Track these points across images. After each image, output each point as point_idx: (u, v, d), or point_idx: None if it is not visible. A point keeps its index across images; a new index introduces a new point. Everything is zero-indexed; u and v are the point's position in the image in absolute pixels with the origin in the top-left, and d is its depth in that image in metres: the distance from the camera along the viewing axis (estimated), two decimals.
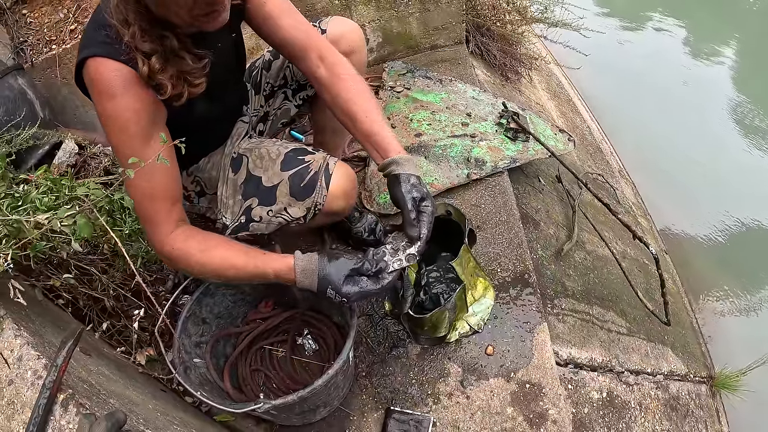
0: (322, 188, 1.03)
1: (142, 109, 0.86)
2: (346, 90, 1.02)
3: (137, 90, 0.84)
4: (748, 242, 2.42)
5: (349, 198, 1.08)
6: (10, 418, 0.63)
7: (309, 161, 1.04)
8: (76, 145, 1.75)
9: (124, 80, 0.83)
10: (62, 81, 1.87)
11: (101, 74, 0.82)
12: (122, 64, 0.82)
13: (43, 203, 0.88)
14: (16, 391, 0.65)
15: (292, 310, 1.19)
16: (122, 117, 0.84)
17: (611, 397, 1.41)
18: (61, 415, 0.58)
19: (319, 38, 1.06)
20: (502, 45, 2.17)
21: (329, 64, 1.03)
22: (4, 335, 0.72)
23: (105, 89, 0.83)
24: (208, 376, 1.07)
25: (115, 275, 1.22)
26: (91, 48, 0.83)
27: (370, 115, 1.01)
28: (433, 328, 1.10)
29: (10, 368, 0.67)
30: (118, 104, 0.83)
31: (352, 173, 1.09)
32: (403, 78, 1.85)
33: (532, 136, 1.60)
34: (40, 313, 0.95)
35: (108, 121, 0.85)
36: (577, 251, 1.68)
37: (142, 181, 0.88)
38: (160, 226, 0.93)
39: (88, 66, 0.83)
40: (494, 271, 1.33)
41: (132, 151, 0.85)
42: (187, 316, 1.04)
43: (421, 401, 1.14)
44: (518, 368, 1.18)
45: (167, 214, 0.94)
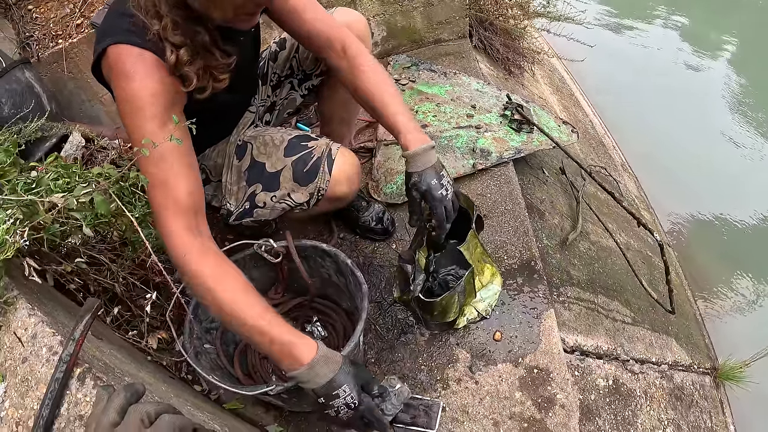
0: (325, 173, 1.04)
1: (161, 93, 0.84)
2: (367, 81, 1.04)
3: (160, 75, 0.83)
4: (751, 236, 2.42)
5: (352, 183, 1.08)
6: (24, 395, 0.63)
7: (312, 147, 1.05)
8: (83, 138, 1.76)
9: (146, 64, 0.82)
10: (68, 75, 1.88)
11: (123, 58, 0.81)
12: (146, 50, 0.82)
13: (58, 186, 0.89)
14: (30, 368, 0.65)
15: (301, 297, 1.20)
16: (139, 98, 0.82)
17: (617, 384, 1.42)
18: (77, 389, 0.58)
19: (341, 30, 1.07)
20: (505, 39, 2.19)
21: (351, 56, 1.05)
22: (18, 314, 0.72)
23: (125, 72, 0.81)
24: (219, 362, 1.07)
25: (123, 264, 1.23)
26: (115, 36, 0.82)
27: (390, 107, 1.02)
28: (442, 312, 1.11)
29: (24, 346, 0.67)
30: (136, 86, 0.82)
31: (355, 159, 1.10)
32: (407, 71, 1.86)
33: (536, 127, 1.61)
34: (51, 298, 0.96)
35: (124, 104, 0.83)
36: (582, 241, 1.69)
37: (155, 167, 0.84)
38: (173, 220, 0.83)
39: (110, 53, 0.82)
40: (501, 259, 1.34)
41: (146, 134, 0.83)
42: (197, 302, 1.05)
43: (430, 387, 1.15)
44: (526, 353, 1.19)
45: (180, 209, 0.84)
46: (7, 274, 0.77)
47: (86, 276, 1.07)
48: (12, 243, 0.68)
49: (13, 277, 0.81)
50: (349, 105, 1.33)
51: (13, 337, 0.67)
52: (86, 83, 1.91)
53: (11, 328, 0.69)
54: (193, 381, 1.21)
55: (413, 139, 0.99)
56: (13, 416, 0.59)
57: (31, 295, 0.79)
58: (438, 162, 1.02)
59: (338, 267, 1.10)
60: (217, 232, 1.58)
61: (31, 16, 1.95)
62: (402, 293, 1.26)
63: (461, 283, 1.06)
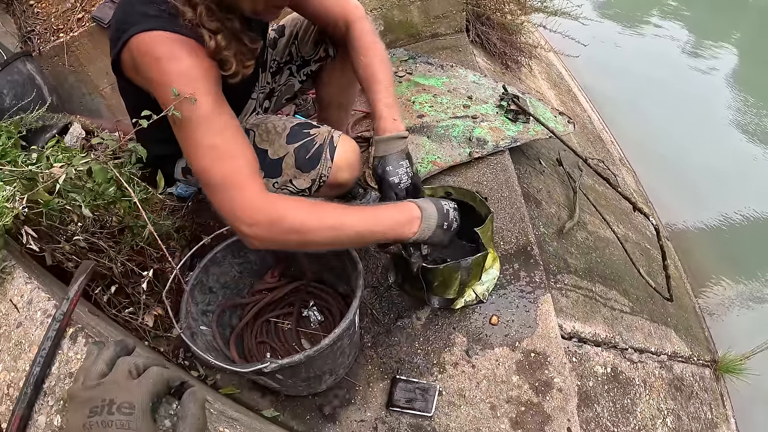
0: (327, 160, 1.05)
1: (209, 68, 0.84)
2: (362, 64, 1.09)
3: (203, 56, 0.83)
4: (749, 230, 2.43)
5: (353, 170, 1.10)
6: (16, 358, 0.62)
7: (314, 134, 1.07)
8: (83, 129, 1.77)
9: (189, 47, 0.82)
10: (69, 69, 1.90)
11: (161, 43, 0.81)
12: (182, 35, 0.82)
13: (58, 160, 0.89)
14: (24, 332, 0.65)
15: (297, 282, 1.20)
16: (190, 74, 0.81)
17: (615, 372, 1.41)
18: (69, 347, 0.58)
19: (347, 9, 1.12)
20: (502, 34, 2.20)
21: (352, 37, 1.10)
22: (14, 282, 0.72)
23: (168, 54, 0.81)
24: (215, 344, 1.07)
25: (122, 250, 1.23)
26: (145, 23, 0.82)
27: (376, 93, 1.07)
28: (443, 285, 1.10)
29: (20, 311, 0.67)
30: (184, 64, 0.81)
31: (356, 146, 1.12)
32: (404, 64, 1.87)
33: (532, 117, 1.62)
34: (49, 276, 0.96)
35: (173, 83, 0.80)
36: (579, 231, 1.69)
37: (220, 139, 0.82)
38: (252, 184, 0.82)
39: (142, 39, 0.82)
40: (497, 244, 1.34)
41: (205, 108, 0.81)
42: (194, 284, 1.05)
43: (426, 371, 1.15)
44: (523, 337, 1.18)
45: (256, 173, 0.84)
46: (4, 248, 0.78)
47: (84, 257, 1.08)
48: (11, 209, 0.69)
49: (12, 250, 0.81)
50: (346, 90, 1.35)
51: (9, 304, 0.68)
52: (87, 76, 1.93)
53: (7, 296, 0.69)
54: (189, 366, 1.21)
55: (384, 127, 1.05)
56: (5, 378, 0.60)
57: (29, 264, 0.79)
58: (402, 151, 1.06)
59: (335, 250, 1.10)
60: (215, 221, 1.59)
61: (33, 11, 1.97)
62: (397, 277, 1.27)
63: (470, 261, 1.06)
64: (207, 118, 0.82)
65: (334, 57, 1.28)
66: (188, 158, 0.86)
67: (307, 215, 0.84)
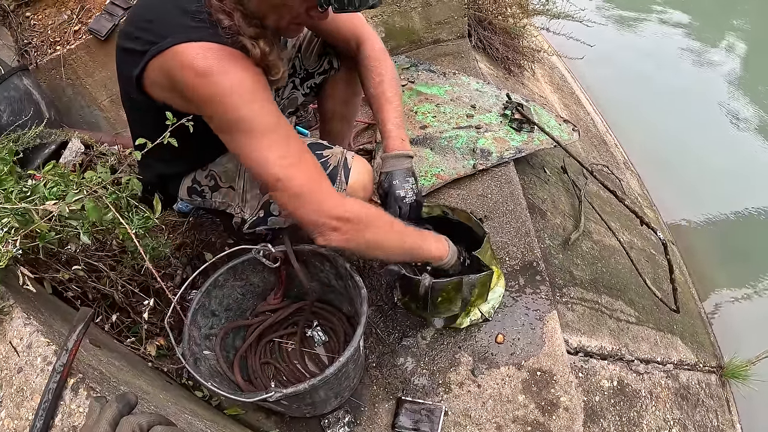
0: (342, 183, 1.04)
1: (261, 78, 0.82)
2: (371, 84, 1.12)
3: (249, 64, 0.81)
4: (755, 232, 2.41)
5: (366, 192, 1.11)
6: (19, 405, 0.62)
7: (327, 156, 1.06)
8: (82, 144, 1.76)
9: (233, 57, 0.79)
10: (67, 82, 1.88)
11: (205, 55, 0.77)
12: (225, 46, 0.79)
13: (52, 193, 0.88)
14: (25, 378, 0.64)
15: (301, 302, 1.19)
16: (245, 86, 0.78)
17: (622, 385, 1.40)
18: (71, 399, 0.57)
19: (359, 28, 1.13)
20: (504, 38, 2.17)
21: (363, 56, 1.12)
22: (13, 324, 0.71)
23: (213, 67, 0.76)
24: (218, 369, 1.06)
25: (123, 271, 1.22)
26: (185, 34, 0.78)
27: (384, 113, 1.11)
28: (447, 301, 1.10)
29: (20, 356, 0.66)
30: (236, 76, 0.78)
31: (369, 167, 1.12)
32: (406, 72, 1.85)
33: (536, 127, 1.59)
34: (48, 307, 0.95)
35: (230, 96, 0.77)
36: (584, 241, 1.67)
37: (286, 147, 0.82)
38: (328, 188, 0.85)
39: (182, 51, 0.77)
40: (503, 260, 1.33)
41: (271, 117, 0.80)
42: (196, 308, 1.04)
43: (432, 391, 1.14)
44: (529, 356, 1.17)
45: (322, 172, 0.87)
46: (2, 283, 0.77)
47: (84, 284, 1.07)
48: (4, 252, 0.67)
49: (9, 286, 0.80)
50: (350, 103, 1.34)
51: (9, 346, 0.67)
52: (85, 89, 1.91)
53: (7, 337, 0.68)
54: (193, 387, 1.20)
55: (392, 145, 1.10)
56: (9, 426, 0.59)
57: (27, 303, 0.78)
58: (409, 169, 1.11)
59: (337, 271, 1.09)
60: (217, 237, 1.58)
61: (29, 23, 1.95)
62: (403, 296, 1.25)
63: (473, 278, 1.06)
64: (272, 128, 0.81)
65: (338, 69, 1.27)
66: (257, 171, 0.85)
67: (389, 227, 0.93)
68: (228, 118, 0.80)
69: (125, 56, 0.89)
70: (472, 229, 1.20)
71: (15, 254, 0.70)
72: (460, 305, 1.13)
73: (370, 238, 0.90)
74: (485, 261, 1.11)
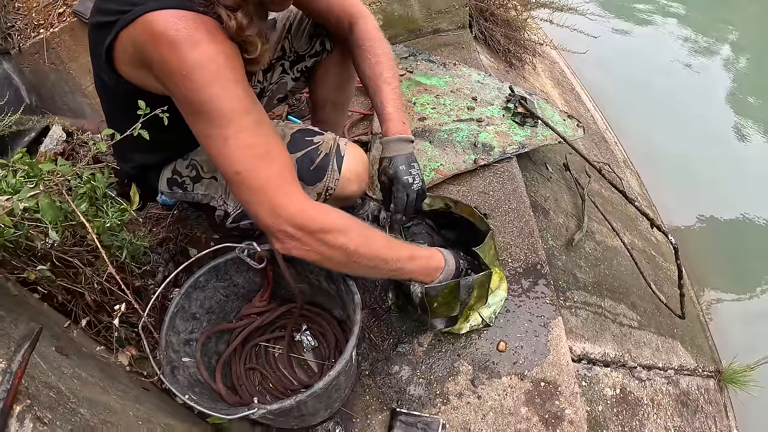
0: (334, 171, 0.96)
1: (234, 55, 0.72)
2: (367, 64, 1.04)
3: (224, 37, 0.72)
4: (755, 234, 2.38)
5: (361, 181, 1.03)
6: None
7: (318, 142, 0.97)
8: (63, 132, 1.65)
9: (207, 27, 0.70)
10: (50, 66, 1.78)
11: (177, 23, 0.68)
12: (201, 14, 0.70)
13: (10, 185, 0.78)
14: None
15: (289, 305, 1.11)
16: (215, 62, 0.69)
17: (624, 393, 1.35)
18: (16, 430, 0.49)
19: (352, 7, 1.05)
20: (506, 30, 2.09)
21: (357, 36, 1.05)
22: None
23: (184, 38, 0.68)
24: (199, 377, 0.98)
25: (100, 267, 1.13)
26: (155, 1, 0.69)
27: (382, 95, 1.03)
28: (445, 305, 1.02)
29: None
30: (206, 50, 0.69)
31: (364, 155, 1.04)
32: (405, 61, 1.76)
33: (541, 121, 1.52)
34: (11, 308, 0.86)
35: (194, 72, 0.69)
36: (587, 241, 1.61)
37: (256, 138, 0.73)
38: (293, 187, 0.76)
39: (154, 19, 0.68)
40: (505, 261, 1.26)
41: (235, 102, 0.71)
42: (174, 312, 0.96)
43: (429, 402, 1.07)
44: (533, 365, 1.10)
45: (294, 175, 0.77)
46: None
47: (52, 284, 0.97)
48: None
49: None
50: (344, 88, 1.26)
51: None
52: (68, 75, 1.80)
53: None
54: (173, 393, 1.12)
55: (393, 128, 1.02)
56: None
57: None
58: (411, 154, 1.04)
59: (329, 273, 1.01)
60: (202, 231, 1.49)
61: (14, 5, 1.83)
62: (397, 298, 1.18)
63: (470, 280, 0.98)
64: (239, 113, 0.71)
65: (330, 52, 1.18)
66: (217, 161, 0.75)
67: (361, 240, 0.80)
68: (191, 96, 0.71)
69: (97, 32, 0.79)
70: (475, 225, 1.12)
71: None
72: (459, 308, 1.06)
73: (339, 253, 0.79)
74: (486, 260, 1.04)
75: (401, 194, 1.02)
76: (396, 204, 1.04)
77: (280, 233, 0.76)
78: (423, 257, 0.93)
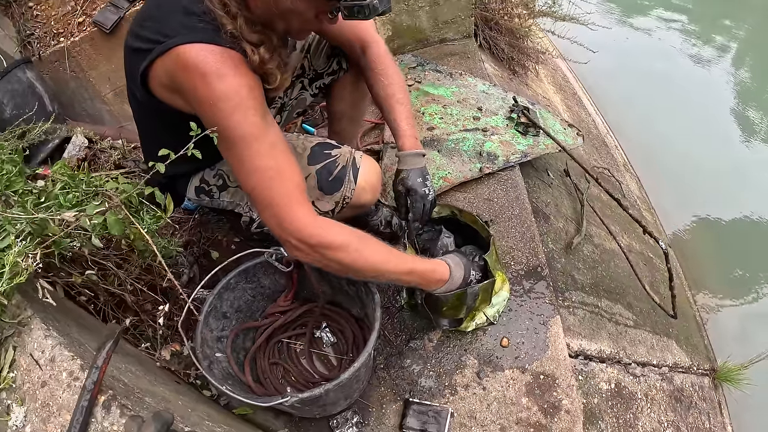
0: (350, 182, 1.06)
1: (255, 86, 0.83)
2: (380, 85, 1.13)
3: (247, 70, 0.82)
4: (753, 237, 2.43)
5: (375, 191, 1.13)
6: (45, 421, 0.62)
7: (336, 155, 1.06)
8: (85, 138, 1.74)
9: (233, 61, 0.80)
10: (71, 74, 1.85)
11: (206, 57, 0.78)
12: (228, 48, 0.80)
13: (67, 200, 0.88)
14: (50, 393, 0.64)
15: (310, 304, 1.20)
16: (238, 94, 0.80)
17: (619, 388, 1.44)
18: (103, 417, 0.58)
19: (364, 32, 1.13)
20: (510, 39, 2.17)
21: (369, 59, 1.13)
22: (33, 335, 0.71)
23: (213, 70, 0.78)
24: (230, 370, 1.08)
25: (131, 270, 1.22)
26: (188, 35, 0.79)
27: (396, 113, 1.12)
28: (452, 309, 1.12)
29: (42, 369, 0.66)
30: (231, 82, 0.79)
31: (378, 166, 1.13)
32: (413, 71, 1.84)
33: (542, 131, 1.61)
34: (63, 311, 0.95)
35: (220, 102, 0.79)
36: (586, 244, 1.70)
37: (269, 161, 0.83)
38: (299, 206, 0.85)
39: (186, 52, 0.78)
40: (508, 264, 1.35)
41: (253, 128, 0.81)
42: (208, 311, 1.05)
43: (438, 393, 1.16)
44: (533, 360, 1.20)
45: (303, 194, 0.87)
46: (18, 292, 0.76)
47: (96, 287, 1.07)
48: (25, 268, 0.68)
49: (25, 294, 0.80)
50: (358, 104, 1.35)
51: (30, 359, 0.67)
52: (88, 82, 1.89)
53: (27, 349, 0.68)
54: (201, 386, 1.22)
55: (408, 143, 1.13)
56: None
57: (44, 313, 0.78)
58: (425, 167, 1.16)
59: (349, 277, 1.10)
60: (223, 235, 1.58)
61: (32, 14, 1.91)
62: (410, 298, 1.27)
63: (475, 288, 1.08)
64: (256, 138, 0.82)
65: (346, 70, 1.27)
66: (236, 177, 0.88)
67: (357, 255, 0.89)
68: (216, 122, 0.81)
69: (133, 56, 0.89)
70: (478, 232, 1.22)
71: (36, 269, 0.70)
72: (465, 311, 1.16)
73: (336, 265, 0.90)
74: (490, 265, 1.14)
75: (419, 204, 1.12)
76: (414, 213, 1.14)
77: (286, 243, 0.88)
78: (423, 271, 1.01)
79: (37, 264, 0.70)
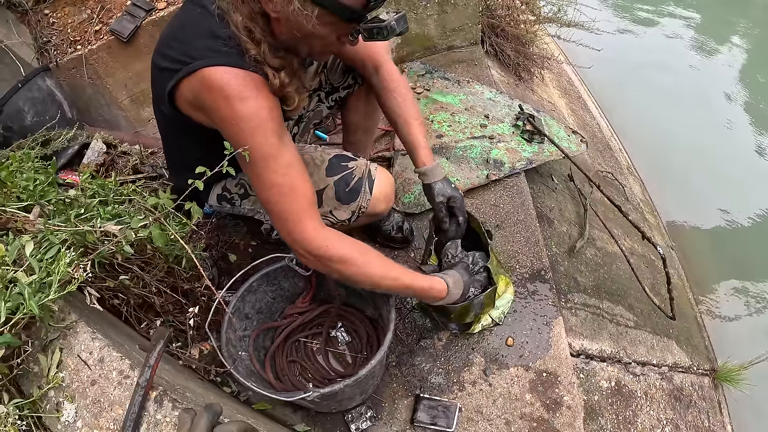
0: (366, 193, 1.12)
1: (274, 107, 0.89)
2: (393, 103, 1.19)
3: (267, 93, 0.88)
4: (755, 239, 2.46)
5: (389, 201, 1.19)
6: (97, 416, 0.68)
7: (352, 167, 1.13)
8: (104, 144, 1.81)
9: (255, 84, 0.86)
10: (88, 81, 1.92)
11: (230, 80, 0.84)
12: (251, 72, 0.86)
13: (106, 212, 0.95)
14: (101, 391, 0.70)
15: (327, 305, 1.27)
16: (258, 116, 0.86)
17: (619, 386, 1.51)
18: (155, 410, 0.65)
19: (375, 51, 1.18)
20: (516, 45, 2.22)
21: (382, 78, 1.19)
22: (79, 338, 0.77)
23: (236, 93, 0.84)
24: (252, 368, 1.15)
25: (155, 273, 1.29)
26: (213, 58, 0.84)
27: (410, 128, 1.18)
28: (459, 316, 1.19)
29: (91, 369, 0.72)
30: (251, 105, 0.85)
31: (391, 178, 1.19)
32: (422, 79, 1.90)
33: (547, 138, 1.66)
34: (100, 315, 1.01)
35: (241, 123, 0.85)
36: (588, 248, 1.76)
37: (284, 178, 0.90)
38: (308, 221, 0.92)
39: (211, 74, 0.84)
40: (513, 268, 1.41)
41: (271, 149, 0.88)
42: (232, 312, 1.12)
43: (447, 389, 1.24)
44: (536, 358, 1.27)
45: (312, 208, 0.94)
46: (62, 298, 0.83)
47: (127, 291, 1.14)
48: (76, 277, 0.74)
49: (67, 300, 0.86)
50: (372, 116, 1.42)
51: (77, 360, 0.74)
52: (105, 89, 1.95)
53: (74, 351, 0.75)
54: (221, 383, 1.29)
55: (428, 155, 1.18)
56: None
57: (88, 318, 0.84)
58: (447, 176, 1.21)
59: None
60: (240, 238, 1.65)
61: (48, 21, 1.97)
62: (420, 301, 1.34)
63: (480, 297, 1.14)
64: (273, 158, 0.89)
65: (361, 84, 1.33)
66: (255, 190, 0.97)
67: (357, 269, 0.96)
68: (237, 140, 0.88)
69: (159, 74, 0.96)
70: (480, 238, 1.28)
71: (86, 278, 0.77)
72: (472, 317, 1.23)
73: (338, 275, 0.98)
74: (492, 271, 1.20)
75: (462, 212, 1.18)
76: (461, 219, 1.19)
77: (295, 252, 0.97)
78: (420, 288, 1.06)
79: (87, 274, 0.77)
